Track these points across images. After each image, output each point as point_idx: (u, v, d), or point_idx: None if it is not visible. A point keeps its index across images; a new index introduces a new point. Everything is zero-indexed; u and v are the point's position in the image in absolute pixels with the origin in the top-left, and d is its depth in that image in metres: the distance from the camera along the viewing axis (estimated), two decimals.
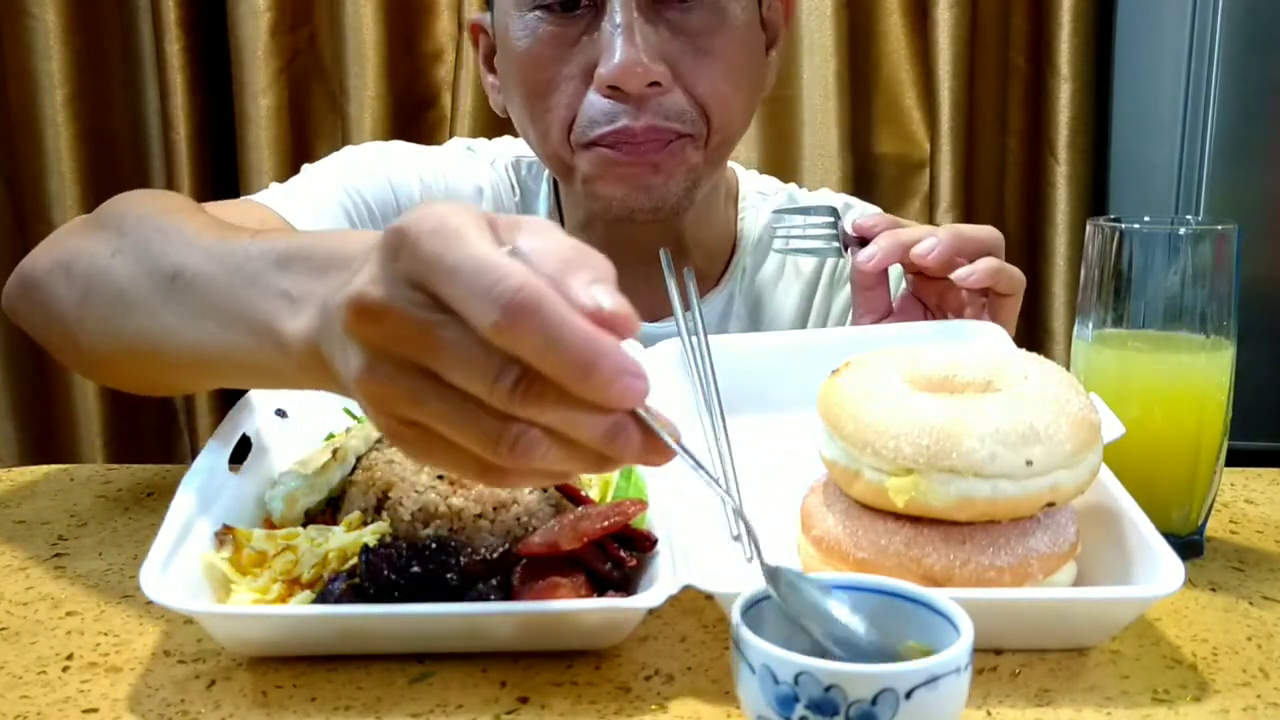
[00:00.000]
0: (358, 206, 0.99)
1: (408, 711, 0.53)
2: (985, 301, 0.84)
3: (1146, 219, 0.70)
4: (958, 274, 0.80)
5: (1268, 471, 0.87)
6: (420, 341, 0.46)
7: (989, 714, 0.53)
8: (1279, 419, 1.46)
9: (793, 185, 1.15)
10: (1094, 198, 1.86)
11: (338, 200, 0.98)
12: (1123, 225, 0.70)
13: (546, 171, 1.07)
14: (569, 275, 0.45)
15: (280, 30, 1.83)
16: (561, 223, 1.06)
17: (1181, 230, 0.69)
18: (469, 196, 1.05)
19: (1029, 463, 0.56)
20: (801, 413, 0.66)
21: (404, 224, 0.46)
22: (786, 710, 0.44)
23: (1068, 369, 0.66)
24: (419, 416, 0.47)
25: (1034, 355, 0.64)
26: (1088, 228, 0.72)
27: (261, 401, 0.77)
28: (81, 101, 1.83)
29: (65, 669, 0.58)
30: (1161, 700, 0.54)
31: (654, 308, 1.03)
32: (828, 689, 0.43)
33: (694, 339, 0.81)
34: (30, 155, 1.84)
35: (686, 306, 0.84)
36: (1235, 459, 0.76)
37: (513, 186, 1.07)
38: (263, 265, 0.59)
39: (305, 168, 1.05)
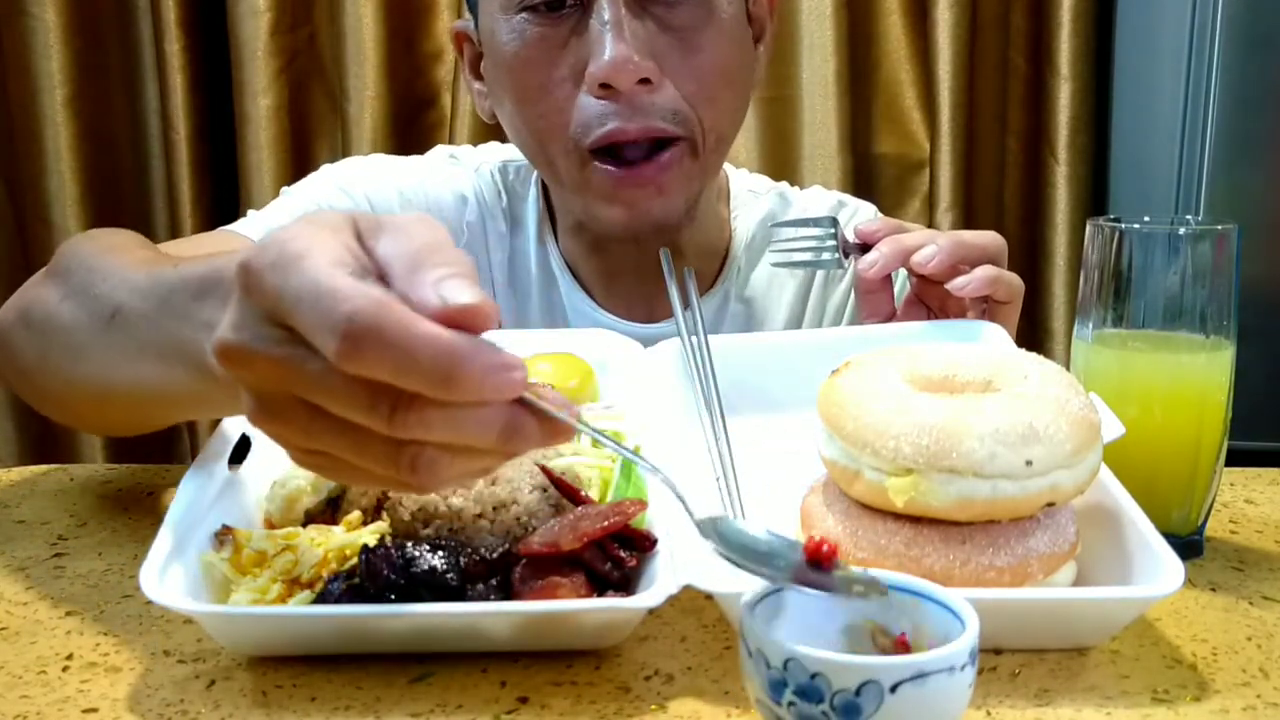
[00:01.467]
0: None
1: (408, 711, 0.53)
2: (986, 307, 0.84)
3: (1146, 219, 0.70)
4: (955, 284, 0.80)
5: (1268, 471, 0.87)
6: (289, 379, 0.44)
7: (989, 714, 0.53)
8: (1279, 419, 1.46)
9: (783, 184, 1.15)
10: (1094, 198, 1.85)
11: None
12: (1123, 225, 0.70)
13: (535, 174, 1.06)
14: (416, 275, 0.43)
15: (280, 30, 1.83)
16: (553, 224, 1.05)
17: (1181, 230, 0.69)
18: (452, 205, 1.04)
19: (1029, 463, 0.56)
20: (801, 413, 0.66)
21: (248, 258, 0.44)
22: (777, 695, 0.45)
23: (1068, 369, 0.66)
24: (315, 446, 0.46)
25: (1034, 355, 0.64)
26: (1088, 228, 0.72)
27: None
28: (81, 101, 1.83)
29: (65, 669, 0.58)
30: (1161, 700, 0.54)
31: (651, 309, 1.03)
32: (813, 676, 0.44)
33: (694, 339, 0.81)
34: (30, 155, 1.84)
35: (686, 305, 0.84)
36: (1235, 459, 0.76)
37: (499, 191, 1.06)
38: (184, 296, 0.59)
39: (283, 191, 1.04)
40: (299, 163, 1.86)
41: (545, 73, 0.90)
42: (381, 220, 0.47)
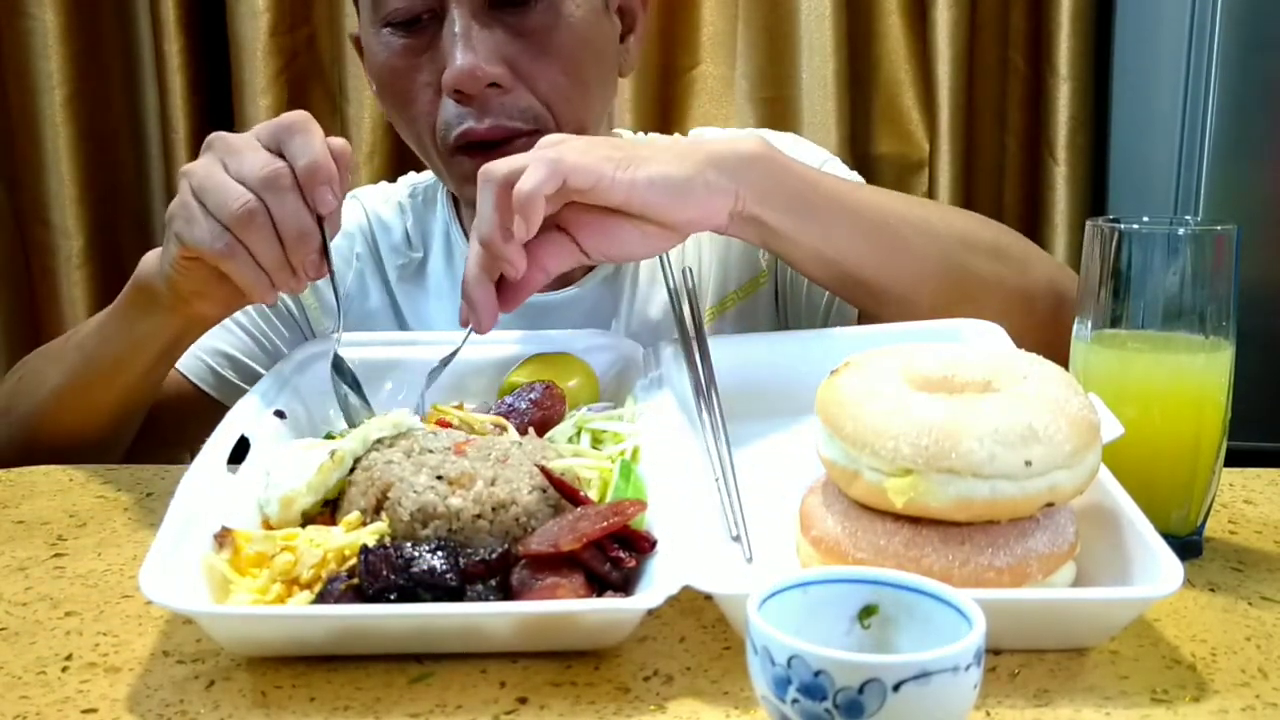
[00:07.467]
0: None
1: (408, 711, 0.53)
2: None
3: (1146, 219, 0.70)
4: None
5: (1267, 471, 0.87)
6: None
7: (989, 714, 0.53)
8: (1279, 419, 1.46)
9: (640, 134, 1.17)
10: (1094, 198, 1.86)
11: None
12: (1122, 225, 0.70)
13: (440, 189, 1.12)
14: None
15: (280, 30, 1.83)
16: (462, 228, 1.09)
17: (1181, 230, 0.69)
18: (340, 247, 1.07)
19: (1028, 463, 0.56)
20: (801, 413, 0.67)
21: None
22: (781, 692, 0.45)
23: (1067, 369, 0.66)
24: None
25: (1034, 355, 0.64)
26: (1087, 228, 0.72)
27: (261, 401, 0.77)
28: (81, 101, 1.83)
29: (65, 669, 0.58)
30: (1161, 700, 0.54)
31: (563, 277, 1.02)
32: (816, 674, 0.44)
33: (694, 339, 0.81)
34: (29, 155, 1.84)
35: (686, 306, 0.84)
36: (1235, 459, 0.76)
37: (404, 215, 1.11)
38: (129, 292, 0.88)
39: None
40: None
41: (411, 79, 0.96)
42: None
